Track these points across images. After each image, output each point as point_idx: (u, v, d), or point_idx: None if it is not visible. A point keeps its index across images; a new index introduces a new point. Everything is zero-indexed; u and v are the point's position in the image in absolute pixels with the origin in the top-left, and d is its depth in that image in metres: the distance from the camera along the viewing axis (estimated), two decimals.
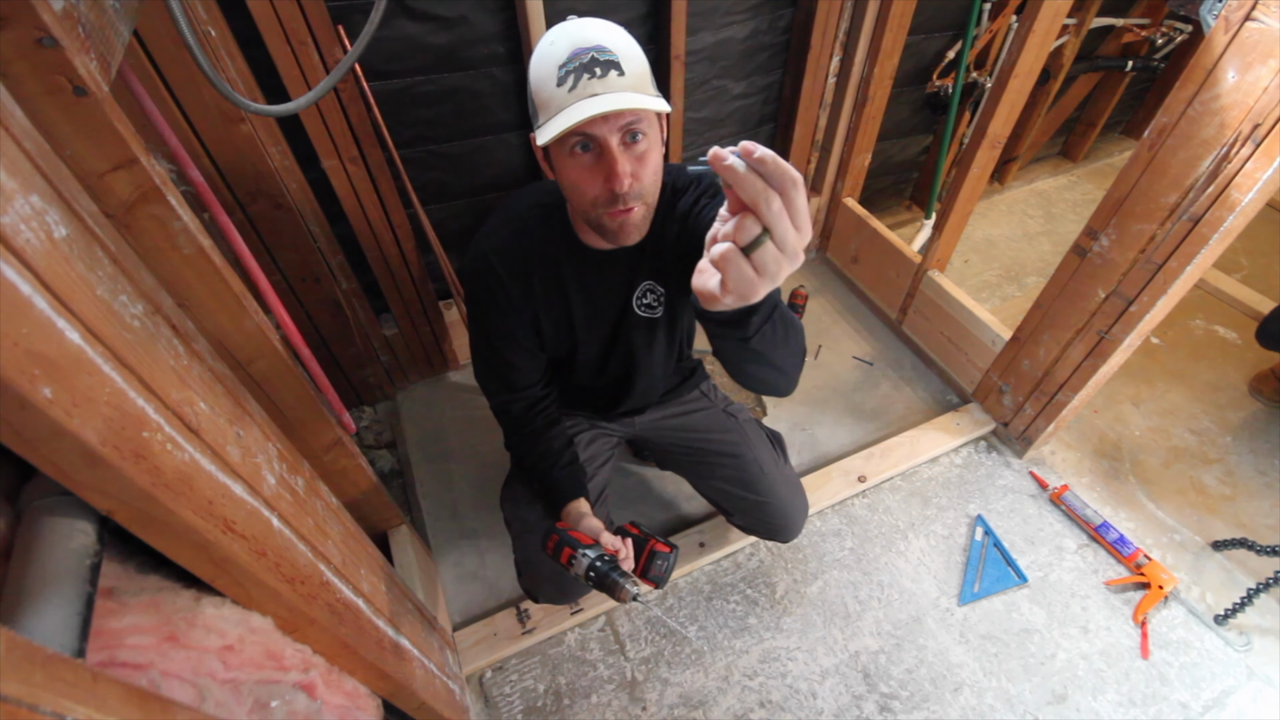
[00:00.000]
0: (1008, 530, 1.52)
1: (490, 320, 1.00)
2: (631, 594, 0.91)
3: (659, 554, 1.00)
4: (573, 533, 0.98)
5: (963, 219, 1.70)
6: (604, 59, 0.75)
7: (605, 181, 0.79)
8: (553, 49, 0.77)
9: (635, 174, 0.80)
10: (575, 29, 0.77)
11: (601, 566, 0.92)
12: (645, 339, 1.08)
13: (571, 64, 0.75)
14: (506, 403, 1.09)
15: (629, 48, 0.78)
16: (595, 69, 0.74)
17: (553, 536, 0.98)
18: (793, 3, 1.68)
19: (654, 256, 0.98)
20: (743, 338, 0.67)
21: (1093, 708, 1.26)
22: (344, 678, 0.72)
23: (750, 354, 0.71)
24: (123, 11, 0.60)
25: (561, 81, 0.75)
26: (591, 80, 0.74)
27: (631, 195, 0.81)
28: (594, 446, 1.25)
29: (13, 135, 0.35)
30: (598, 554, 0.93)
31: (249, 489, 0.53)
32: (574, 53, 0.75)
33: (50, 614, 0.38)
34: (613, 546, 0.96)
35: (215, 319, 0.73)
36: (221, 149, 1.15)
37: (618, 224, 0.84)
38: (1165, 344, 1.94)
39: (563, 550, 0.95)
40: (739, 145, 0.47)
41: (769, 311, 0.67)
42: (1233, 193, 1.06)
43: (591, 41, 0.75)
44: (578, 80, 0.74)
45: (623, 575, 0.92)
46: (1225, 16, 1.00)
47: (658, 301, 1.04)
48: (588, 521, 1.02)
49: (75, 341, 0.35)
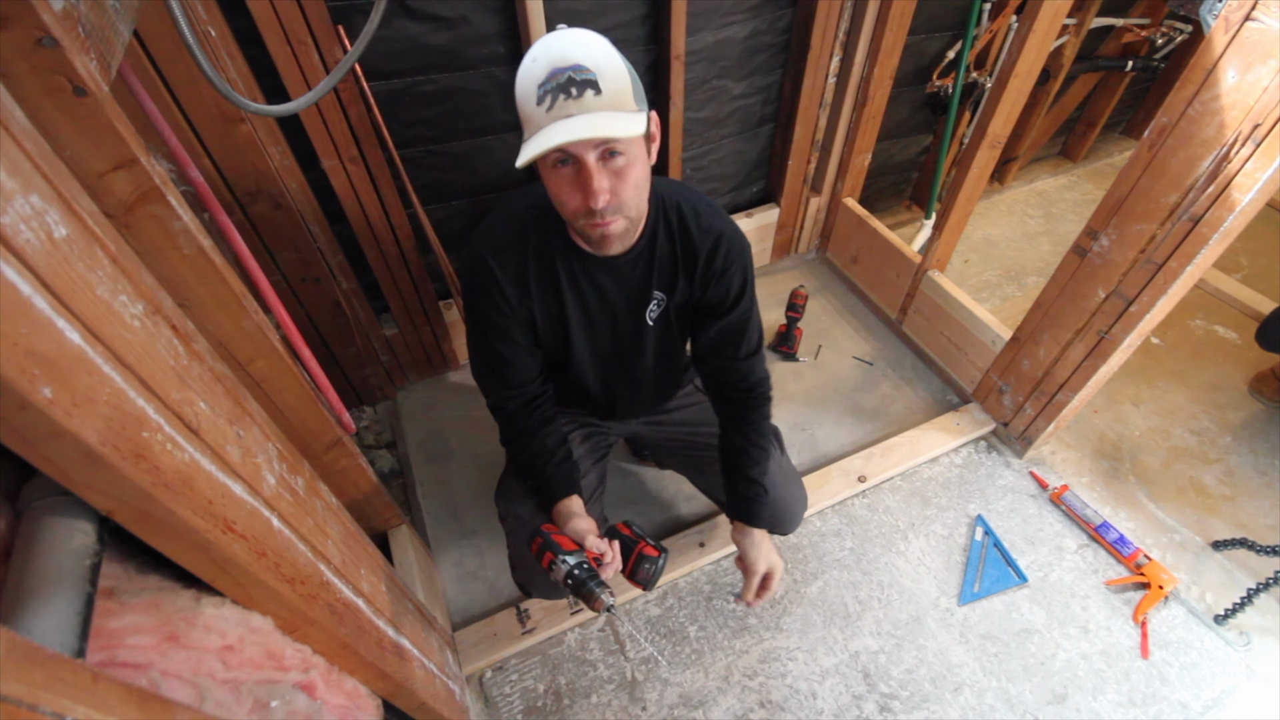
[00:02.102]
0: (1008, 530, 1.52)
1: (487, 318, 1.01)
2: (606, 604, 0.92)
3: (647, 557, 1.00)
4: (556, 536, 0.98)
5: (963, 219, 1.70)
6: (580, 78, 0.75)
7: (584, 196, 0.81)
8: (534, 66, 0.77)
9: (613, 190, 0.82)
10: (556, 45, 0.77)
11: (579, 574, 0.93)
12: (641, 345, 1.10)
13: (549, 84, 0.75)
14: (503, 399, 1.09)
15: (608, 63, 0.77)
16: (571, 89, 0.75)
17: (537, 538, 0.98)
18: (793, 3, 1.68)
19: (654, 265, 1.00)
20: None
21: (1093, 708, 1.26)
22: (344, 678, 0.72)
23: None
24: (123, 11, 0.60)
25: (540, 100, 0.76)
26: (567, 101, 0.75)
27: (609, 210, 0.83)
28: (588, 444, 1.26)
29: (13, 135, 0.35)
30: (577, 561, 0.94)
31: (249, 489, 0.53)
32: (551, 72, 0.75)
33: (50, 614, 0.38)
34: (597, 550, 0.97)
35: (215, 319, 0.73)
36: (221, 149, 1.15)
37: (598, 235, 0.87)
38: (1165, 344, 1.95)
39: (544, 554, 0.96)
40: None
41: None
42: (1233, 193, 1.06)
43: (569, 60, 0.75)
44: (554, 101, 0.75)
45: (600, 585, 0.93)
46: (1225, 16, 1.00)
47: (657, 308, 1.05)
48: (575, 523, 1.03)
49: (75, 341, 0.35)
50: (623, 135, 0.76)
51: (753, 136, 1.94)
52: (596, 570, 0.95)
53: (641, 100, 0.82)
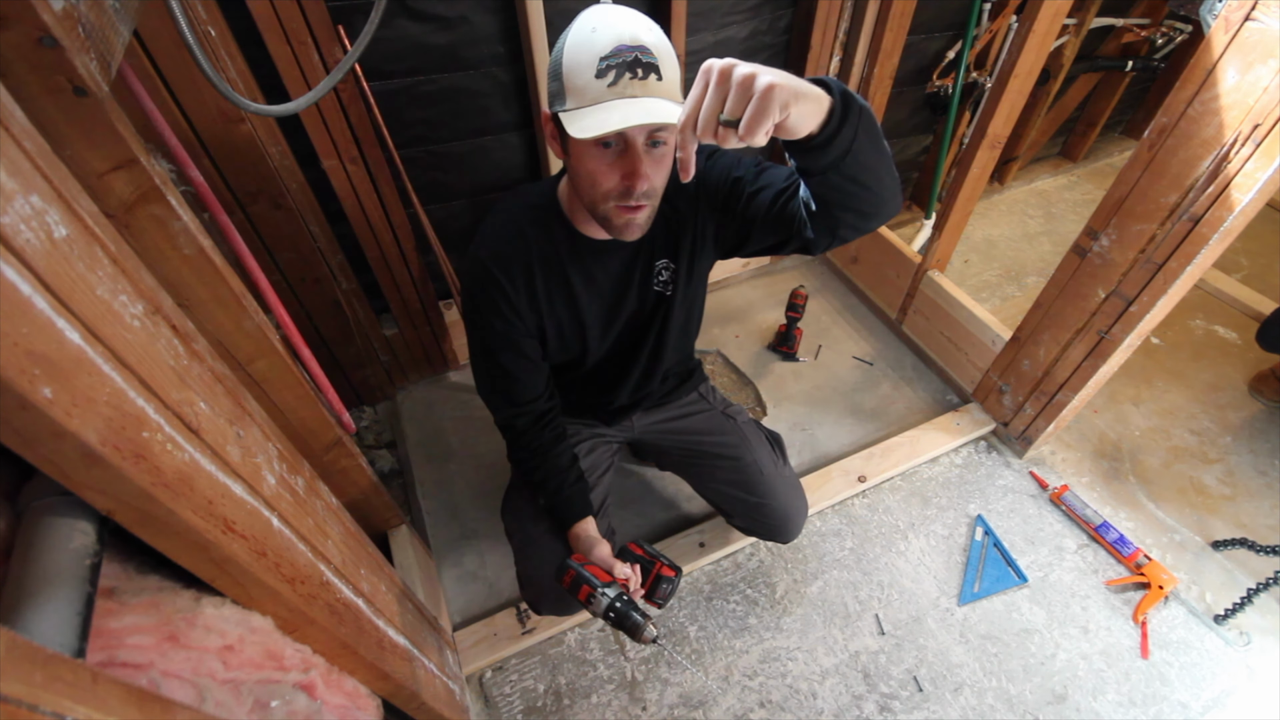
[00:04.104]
0: (1008, 530, 1.52)
1: (493, 329, 0.99)
2: (651, 636, 0.93)
3: (665, 578, 1.03)
4: (589, 568, 0.99)
5: (963, 219, 1.70)
6: (646, 60, 0.75)
7: (624, 178, 0.80)
8: (595, 36, 0.75)
9: (652, 176, 0.81)
10: (620, 20, 0.76)
11: (621, 607, 0.94)
12: (659, 318, 1.08)
13: (614, 59, 0.74)
14: (511, 417, 1.08)
15: (667, 51, 0.77)
16: (638, 70, 0.74)
17: (569, 571, 0.99)
18: (793, 3, 1.68)
19: (660, 234, 0.99)
20: (838, 162, 0.69)
21: (1093, 708, 1.26)
22: (344, 678, 0.72)
23: (856, 173, 0.72)
24: (123, 11, 0.60)
25: (601, 74, 0.74)
26: (633, 81, 0.74)
27: (645, 195, 0.82)
28: (593, 456, 1.25)
29: (13, 135, 0.35)
30: (617, 593, 0.95)
31: (249, 489, 0.53)
32: (618, 47, 0.74)
33: (50, 614, 0.38)
34: (624, 576, 0.99)
35: (215, 319, 0.73)
36: (221, 149, 1.15)
37: (624, 220, 0.85)
38: (1165, 344, 1.94)
39: (580, 587, 0.97)
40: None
41: (854, 118, 0.67)
42: (1233, 193, 1.06)
43: (637, 40, 0.75)
44: (619, 77, 0.74)
45: (643, 616, 0.94)
46: (1225, 16, 1.00)
47: (671, 278, 1.04)
48: (599, 551, 1.04)
49: (75, 341, 0.35)
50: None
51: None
52: (634, 601, 0.97)
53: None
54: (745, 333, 2.01)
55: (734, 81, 0.59)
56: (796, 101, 0.60)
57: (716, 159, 0.96)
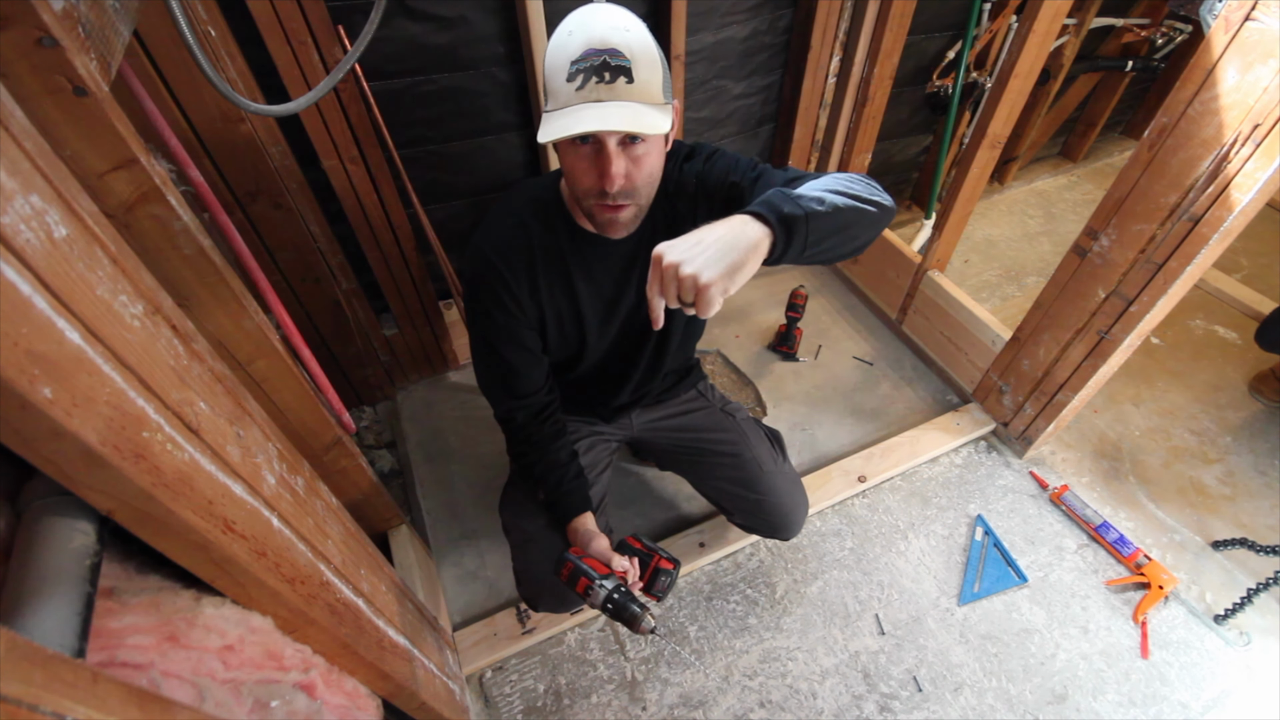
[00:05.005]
0: (1008, 530, 1.52)
1: (494, 322, 0.99)
2: (649, 627, 0.93)
3: (663, 570, 1.03)
4: (587, 560, 0.99)
5: (963, 219, 1.70)
6: (615, 64, 0.74)
7: (599, 177, 0.80)
8: (569, 40, 0.76)
9: (629, 175, 0.81)
10: (594, 22, 0.76)
11: (619, 598, 0.94)
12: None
13: (583, 63, 0.74)
14: (511, 410, 1.08)
15: (644, 52, 0.77)
16: (605, 74, 0.74)
17: (567, 564, 0.99)
18: (793, 3, 1.68)
19: (661, 233, 0.97)
20: (798, 260, 0.76)
21: (1093, 708, 1.26)
22: (344, 678, 0.72)
23: (824, 256, 0.77)
24: (123, 11, 0.60)
25: (571, 78, 0.75)
26: (599, 85, 0.74)
27: (621, 195, 0.82)
28: (593, 453, 1.25)
29: (13, 135, 0.35)
30: (614, 585, 0.95)
31: (249, 489, 0.53)
32: (587, 51, 0.74)
33: (50, 614, 0.38)
34: (621, 568, 0.98)
35: (215, 319, 0.73)
36: (221, 149, 1.15)
37: (606, 219, 0.86)
38: (1165, 344, 1.94)
39: (578, 579, 0.97)
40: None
41: (800, 236, 0.72)
42: (1233, 193, 1.06)
43: (607, 43, 0.75)
44: (586, 81, 0.74)
45: (641, 607, 0.94)
46: (1225, 16, 1.00)
47: None
48: (597, 544, 1.03)
49: (75, 341, 0.35)
50: (649, 133, 0.76)
51: (753, 136, 1.94)
52: (633, 592, 0.96)
53: (669, 92, 0.82)
54: (745, 333, 2.01)
55: (677, 279, 0.65)
56: (735, 277, 0.66)
57: (716, 159, 0.96)
